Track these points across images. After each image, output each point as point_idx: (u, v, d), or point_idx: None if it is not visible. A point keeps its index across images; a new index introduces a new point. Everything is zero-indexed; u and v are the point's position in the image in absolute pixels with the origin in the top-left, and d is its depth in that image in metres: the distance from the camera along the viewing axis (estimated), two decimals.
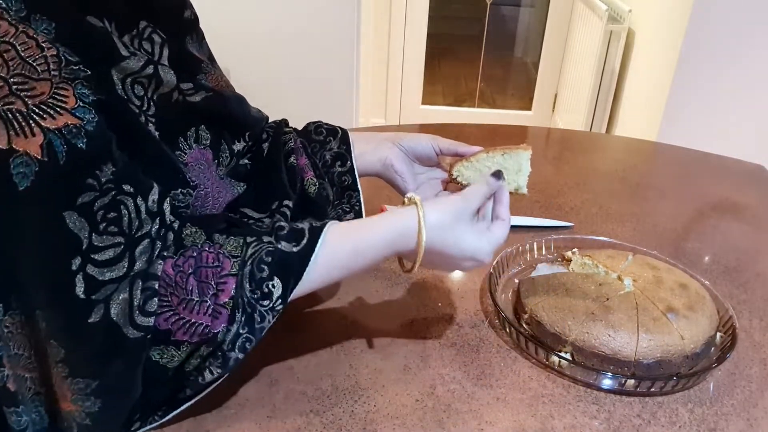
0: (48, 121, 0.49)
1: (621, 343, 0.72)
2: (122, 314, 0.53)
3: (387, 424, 0.65)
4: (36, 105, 0.49)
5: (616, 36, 2.52)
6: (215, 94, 0.67)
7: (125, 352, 0.54)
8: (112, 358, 0.54)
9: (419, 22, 3.19)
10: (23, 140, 0.48)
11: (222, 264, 0.58)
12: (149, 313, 0.54)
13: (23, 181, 0.48)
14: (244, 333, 0.58)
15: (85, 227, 0.51)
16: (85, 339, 0.52)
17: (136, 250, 0.54)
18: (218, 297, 0.57)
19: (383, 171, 0.85)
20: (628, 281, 0.81)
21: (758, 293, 0.90)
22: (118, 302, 0.53)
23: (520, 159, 0.82)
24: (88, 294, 0.52)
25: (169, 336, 0.56)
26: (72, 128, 0.50)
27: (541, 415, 0.67)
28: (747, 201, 1.18)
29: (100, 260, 0.52)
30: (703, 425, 0.67)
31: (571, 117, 2.94)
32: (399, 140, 0.85)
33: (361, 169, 0.84)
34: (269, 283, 0.59)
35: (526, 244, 0.92)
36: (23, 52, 0.48)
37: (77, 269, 0.51)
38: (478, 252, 0.67)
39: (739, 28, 1.97)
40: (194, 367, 0.58)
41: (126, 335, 0.53)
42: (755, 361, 0.77)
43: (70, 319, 0.52)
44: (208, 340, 0.57)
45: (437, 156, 0.86)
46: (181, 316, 0.56)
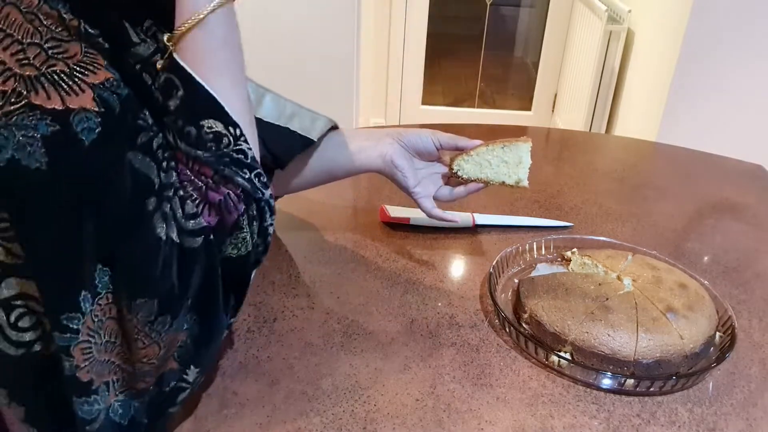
0: (91, 77, 0.50)
1: (620, 342, 0.72)
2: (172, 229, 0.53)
3: (387, 424, 0.65)
4: (75, 64, 0.50)
5: (615, 36, 2.53)
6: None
7: (193, 259, 0.54)
8: (192, 271, 0.54)
9: (419, 22, 3.19)
10: (75, 98, 0.49)
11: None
12: (191, 215, 0.54)
13: (89, 134, 0.49)
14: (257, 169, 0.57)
15: (152, 166, 0.52)
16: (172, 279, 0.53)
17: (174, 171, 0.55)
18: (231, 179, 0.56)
19: (384, 167, 0.85)
20: (628, 281, 0.81)
21: (758, 293, 0.90)
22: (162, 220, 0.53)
23: (520, 151, 0.82)
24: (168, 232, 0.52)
25: (224, 224, 0.55)
26: (112, 81, 0.51)
27: (541, 415, 0.67)
28: (747, 201, 1.18)
29: (170, 196, 0.53)
30: (703, 425, 0.67)
31: (571, 117, 2.94)
32: (399, 136, 0.85)
33: (363, 165, 0.84)
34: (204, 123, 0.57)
35: (526, 244, 0.92)
36: (46, 21, 0.49)
37: (153, 209, 0.52)
38: None
39: (739, 28, 1.97)
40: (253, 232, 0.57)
41: (188, 246, 0.53)
42: (754, 361, 0.77)
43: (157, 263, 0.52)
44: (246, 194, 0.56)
45: (437, 151, 0.86)
46: (217, 198, 0.55)
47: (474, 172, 0.84)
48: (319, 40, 2.37)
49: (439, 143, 0.85)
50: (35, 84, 0.48)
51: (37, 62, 0.48)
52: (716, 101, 2.07)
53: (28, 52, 0.48)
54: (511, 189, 0.84)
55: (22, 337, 0.51)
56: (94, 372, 0.53)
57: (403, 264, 0.92)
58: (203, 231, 0.55)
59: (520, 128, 1.74)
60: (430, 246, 0.97)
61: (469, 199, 0.91)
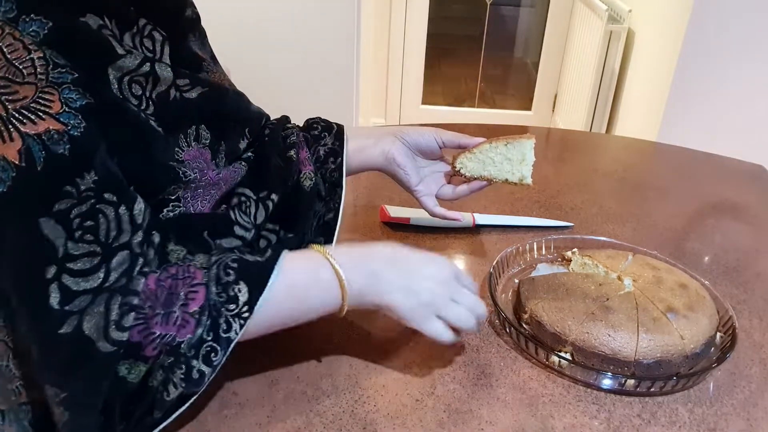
0: (28, 126, 0.48)
1: (621, 343, 0.72)
2: (96, 328, 0.51)
3: (387, 424, 0.65)
4: (16, 109, 0.48)
5: (616, 36, 2.52)
6: (211, 89, 0.66)
7: (94, 365, 0.52)
8: (78, 371, 0.52)
9: (419, 22, 3.19)
10: (1, 145, 0.47)
11: (194, 276, 0.57)
12: (125, 327, 0.53)
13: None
14: (209, 340, 0.56)
15: (61, 234, 0.50)
16: (53, 349, 0.51)
17: (113, 261, 0.53)
18: (188, 306, 0.55)
19: (386, 165, 0.84)
20: (628, 281, 0.81)
21: (758, 293, 0.90)
22: (93, 315, 0.51)
23: (523, 148, 0.81)
24: (63, 304, 0.50)
25: (139, 350, 0.54)
26: (54, 134, 0.49)
27: (541, 415, 0.67)
28: (747, 201, 1.18)
29: (75, 269, 0.51)
30: (703, 425, 0.67)
31: (571, 117, 2.94)
32: (401, 134, 0.85)
33: (364, 163, 0.83)
34: (235, 287, 0.58)
35: (526, 244, 0.92)
36: (9, 54, 0.48)
37: (52, 278, 0.50)
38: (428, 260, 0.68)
39: (739, 28, 1.97)
40: (159, 382, 0.55)
41: (98, 349, 0.52)
42: (755, 361, 0.77)
43: (42, 327, 0.50)
44: (171, 350, 0.55)
45: (440, 149, 0.86)
46: (152, 330, 0.54)
47: (477, 170, 0.83)
48: (320, 41, 2.37)
49: (441, 141, 0.85)
50: None
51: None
52: (716, 101, 2.07)
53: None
54: (513, 187, 0.84)
55: None
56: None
57: None
58: (120, 344, 0.53)
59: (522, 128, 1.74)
60: (431, 246, 0.97)
61: (470, 198, 0.91)
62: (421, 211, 1.00)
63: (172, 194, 0.62)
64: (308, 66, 2.41)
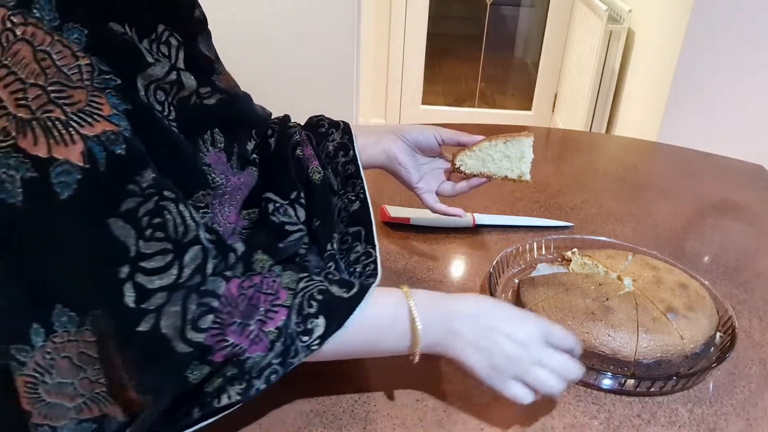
0: (86, 129, 0.49)
1: (621, 343, 0.72)
2: (173, 328, 0.52)
3: (387, 424, 0.65)
4: (74, 113, 0.48)
5: (616, 36, 2.52)
6: (228, 96, 0.67)
7: (169, 364, 0.53)
8: (153, 367, 0.53)
9: (419, 22, 3.19)
10: (63, 148, 0.48)
11: (278, 294, 0.58)
12: (201, 329, 0.53)
13: (65, 189, 0.48)
14: (275, 364, 0.57)
15: (131, 234, 0.50)
16: (132, 346, 0.52)
17: (185, 257, 0.53)
18: (265, 324, 0.56)
19: (387, 163, 0.85)
20: (628, 281, 0.81)
21: (758, 293, 0.90)
22: (169, 315, 0.52)
23: (522, 146, 0.82)
24: (138, 303, 0.51)
25: (208, 353, 0.54)
26: (110, 134, 0.50)
27: (541, 415, 0.67)
28: (747, 201, 1.18)
29: (148, 268, 0.51)
30: (703, 425, 0.67)
31: (571, 117, 2.94)
32: (401, 132, 0.86)
33: (365, 162, 0.84)
34: (315, 320, 0.58)
35: (526, 244, 0.92)
36: (59, 61, 0.48)
37: (126, 277, 0.50)
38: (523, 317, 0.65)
39: (739, 28, 1.97)
40: (215, 388, 0.56)
41: (174, 349, 0.52)
42: (755, 361, 0.77)
43: (120, 325, 0.51)
44: (237, 363, 0.55)
45: (439, 146, 0.86)
46: (226, 337, 0.54)
47: (477, 167, 0.84)
48: (320, 40, 2.37)
49: (441, 139, 0.86)
50: (26, 127, 0.47)
51: (34, 105, 0.47)
52: (716, 101, 2.07)
53: (28, 92, 0.47)
54: (513, 185, 0.85)
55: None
56: (43, 415, 0.52)
57: (404, 264, 0.92)
58: (196, 345, 0.53)
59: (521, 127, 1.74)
60: (431, 246, 0.97)
61: (470, 198, 0.91)
62: (421, 211, 1.00)
63: (202, 201, 0.62)
64: (308, 66, 2.40)
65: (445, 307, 0.65)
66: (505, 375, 0.62)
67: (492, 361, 0.62)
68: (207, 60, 0.67)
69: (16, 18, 0.47)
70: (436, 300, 0.65)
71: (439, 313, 0.64)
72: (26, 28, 0.47)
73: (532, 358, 0.62)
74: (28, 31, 0.47)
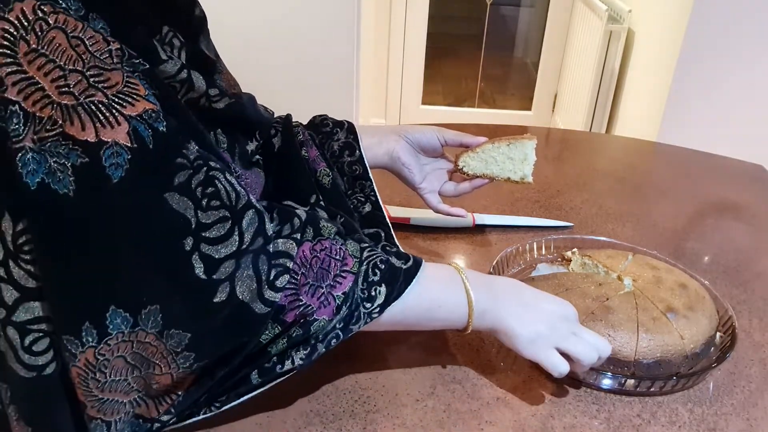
0: (129, 109, 0.49)
1: (621, 342, 0.72)
2: (249, 291, 0.53)
3: (387, 424, 0.65)
4: (114, 95, 0.49)
5: (616, 36, 2.52)
6: (236, 100, 0.67)
7: (252, 325, 0.54)
8: (239, 334, 0.54)
9: (419, 22, 3.19)
10: (110, 130, 0.48)
11: (345, 261, 0.60)
12: (278, 288, 0.55)
13: (117, 171, 0.48)
14: (338, 329, 0.59)
15: (189, 206, 0.51)
16: (211, 317, 0.52)
17: (242, 223, 0.54)
18: (334, 288, 0.58)
19: (390, 163, 0.86)
20: (628, 281, 0.81)
21: (758, 293, 0.90)
22: (243, 279, 0.53)
23: (525, 149, 0.84)
24: (209, 274, 0.52)
25: (281, 313, 0.56)
26: (151, 113, 0.50)
27: (541, 415, 0.67)
28: (747, 201, 1.18)
29: (211, 237, 0.52)
30: (703, 425, 0.67)
31: (571, 117, 2.94)
32: (404, 132, 0.86)
33: (369, 162, 0.84)
34: (378, 288, 0.61)
35: (526, 244, 0.92)
36: (91, 46, 0.48)
37: (191, 249, 0.51)
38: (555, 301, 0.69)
39: (739, 28, 1.97)
40: (278, 351, 0.58)
41: (254, 310, 0.54)
42: (755, 361, 0.77)
43: (195, 301, 0.52)
44: (305, 323, 0.57)
45: (442, 147, 0.87)
46: (300, 297, 0.56)
47: (479, 168, 0.86)
48: (320, 40, 2.37)
49: (443, 140, 0.86)
50: (71, 113, 0.47)
51: (76, 90, 0.47)
52: (716, 101, 2.07)
53: (69, 78, 0.47)
54: (514, 186, 0.86)
55: (35, 360, 0.51)
56: (97, 409, 0.53)
57: None
58: (273, 304, 0.55)
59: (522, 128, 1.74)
60: (431, 246, 0.97)
61: (470, 199, 0.91)
62: (421, 211, 1.00)
63: None
64: (308, 66, 2.41)
65: (489, 282, 0.69)
66: (545, 342, 0.66)
67: (535, 328, 0.66)
68: (208, 60, 0.68)
69: (46, 7, 0.47)
70: (480, 276, 0.69)
71: (485, 287, 0.67)
72: (57, 15, 0.47)
73: (570, 327, 0.67)
74: (60, 18, 0.47)
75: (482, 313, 0.66)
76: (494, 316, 0.66)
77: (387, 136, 0.86)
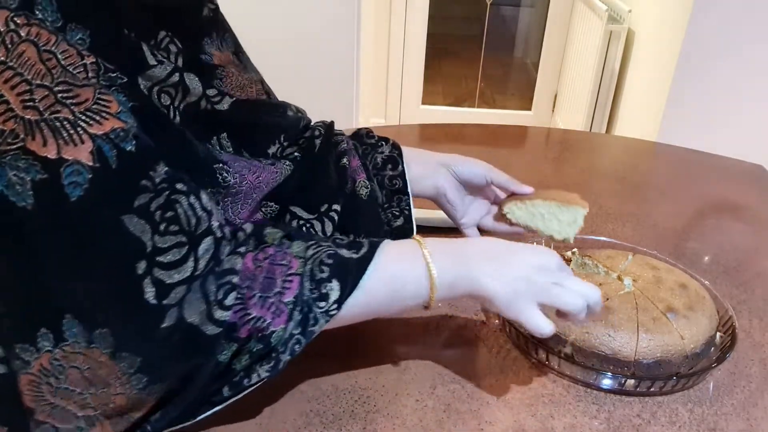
0: (95, 127, 0.48)
1: (621, 343, 0.72)
2: (198, 313, 0.53)
3: (387, 424, 0.65)
4: (82, 112, 0.48)
5: (616, 36, 2.53)
6: (243, 100, 0.66)
7: (204, 347, 0.54)
8: (192, 357, 0.54)
9: (419, 21, 3.19)
10: (73, 148, 0.48)
11: (290, 264, 0.58)
12: (227, 306, 0.54)
13: (76, 190, 0.48)
14: (297, 334, 0.58)
15: (146, 229, 0.50)
16: (160, 343, 0.52)
17: (199, 249, 0.54)
18: (283, 295, 0.57)
19: (436, 197, 0.86)
20: (628, 281, 0.81)
21: (758, 293, 0.90)
22: (192, 303, 0.52)
23: (576, 214, 0.81)
24: (160, 299, 0.51)
25: (233, 330, 0.55)
26: (119, 132, 0.49)
27: (541, 415, 0.67)
28: (747, 201, 1.18)
29: (165, 262, 0.51)
30: (703, 425, 0.67)
31: (571, 117, 2.94)
32: (453, 166, 0.85)
33: (413, 192, 0.84)
34: (328, 284, 0.58)
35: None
36: (64, 60, 0.48)
37: (143, 273, 0.50)
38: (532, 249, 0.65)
39: (739, 28, 1.97)
40: (243, 367, 0.57)
41: (204, 332, 0.53)
42: (755, 361, 0.77)
43: (144, 325, 0.51)
44: (263, 338, 0.56)
45: (486, 185, 0.86)
46: (249, 311, 0.55)
47: (525, 219, 0.83)
48: (320, 40, 2.37)
49: (491, 180, 0.85)
50: (34, 129, 0.47)
51: (41, 105, 0.47)
52: (716, 101, 2.07)
53: (35, 93, 0.47)
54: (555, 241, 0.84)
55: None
56: (47, 414, 0.52)
57: None
58: (224, 324, 0.54)
59: (521, 128, 1.74)
60: None
61: None
62: (421, 211, 1.00)
63: (212, 198, 0.62)
64: (308, 66, 2.41)
65: (459, 249, 0.65)
66: (526, 299, 0.61)
67: (513, 286, 0.61)
68: (209, 67, 0.66)
69: (19, 19, 0.47)
70: (448, 244, 0.65)
71: (453, 255, 0.64)
72: (30, 28, 0.47)
73: (551, 278, 0.62)
74: (33, 31, 0.47)
75: (452, 282, 0.62)
76: (468, 281, 0.62)
77: (437, 169, 0.85)
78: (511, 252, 0.64)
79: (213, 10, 0.69)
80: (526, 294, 0.61)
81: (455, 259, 0.63)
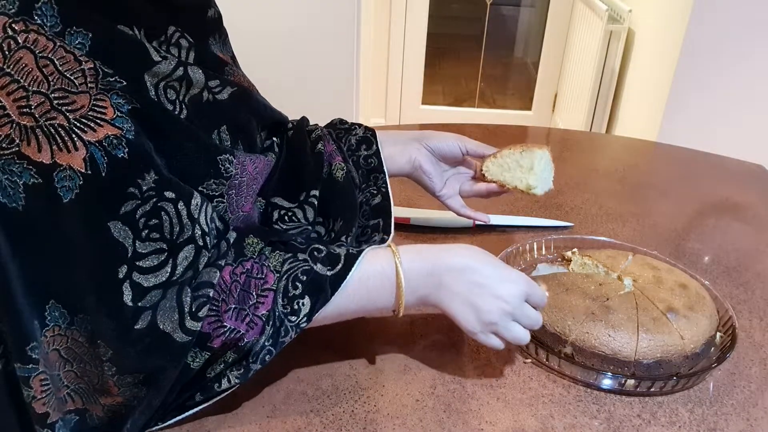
0: (89, 134, 0.50)
1: (621, 343, 0.72)
2: (170, 321, 0.54)
3: (387, 424, 0.65)
4: (77, 119, 0.49)
5: (616, 36, 2.52)
6: (239, 87, 0.67)
7: (172, 353, 0.55)
8: (157, 359, 0.55)
9: (419, 22, 3.19)
10: (66, 154, 0.49)
11: (266, 277, 0.59)
12: (199, 318, 0.55)
13: (67, 194, 0.49)
14: (268, 345, 0.60)
15: (129, 235, 0.52)
16: (132, 342, 0.53)
17: (178, 256, 0.55)
18: (257, 308, 0.58)
19: (412, 172, 0.86)
20: (628, 281, 0.81)
21: (758, 293, 0.90)
22: (165, 310, 0.54)
23: (533, 157, 0.82)
24: (135, 301, 0.53)
25: (206, 340, 0.57)
26: (112, 139, 0.51)
27: (541, 415, 0.67)
28: (747, 201, 1.18)
29: (144, 267, 0.53)
30: (703, 425, 0.67)
31: (571, 117, 2.94)
32: (426, 140, 0.86)
33: (390, 171, 0.84)
34: (300, 300, 0.60)
35: (526, 244, 0.92)
36: (61, 67, 0.49)
37: (124, 277, 0.52)
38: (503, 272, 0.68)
39: (739, 28, 1.97)
40: (216, 374, 0.59)
41: (174, 339, 0.54)
42: (755, 361, 0.77)
43: (119, 325, 0.53)
44: (236, 348, 0.58)
45: (463, 156, 0.87)
46: (223, 323, 0.57)
47: (497, 173, 0.85)
48: (320, 40, 2.37)
49: (465, 149, 0.86)
50: (29, 134, 0.48)
51: (37, 112, 0.48)
52: (716, 101, 2.07)
53: (31, 99, 0.48)
54: (522, 193, 0.84)
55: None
56: (51, 406, 0.55)
57: None
58: (194, 333, 0.55)
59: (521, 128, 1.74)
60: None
61: (470, 199, 0.91)
62: (421, 211, 1.00)
63: (216, 190, 0.63)
64: (308, 66, 2.41)
65: (434, 261, 0.66)
66: (485, 329, 0.67)
67: (477, 316, 0.66)
68: (218, 61, 0.67)
69: (17, 25, 0.47)
70: (423, 254, 0.67)
71: (428, 267, 0.66)
72: (28, 35, 0.48)
73: (512, 315, 0.67)
74: (30, 38, 0.48)
75: (422, 298, 0.66)
76: (436, 300, 0.67)
77: (408, 144, 0.86)
78: (486, 278, 0.66)
79: (216, 13, 0.70)
80: (487, 325, 0.67)
81: (430, 274, 0.66)
